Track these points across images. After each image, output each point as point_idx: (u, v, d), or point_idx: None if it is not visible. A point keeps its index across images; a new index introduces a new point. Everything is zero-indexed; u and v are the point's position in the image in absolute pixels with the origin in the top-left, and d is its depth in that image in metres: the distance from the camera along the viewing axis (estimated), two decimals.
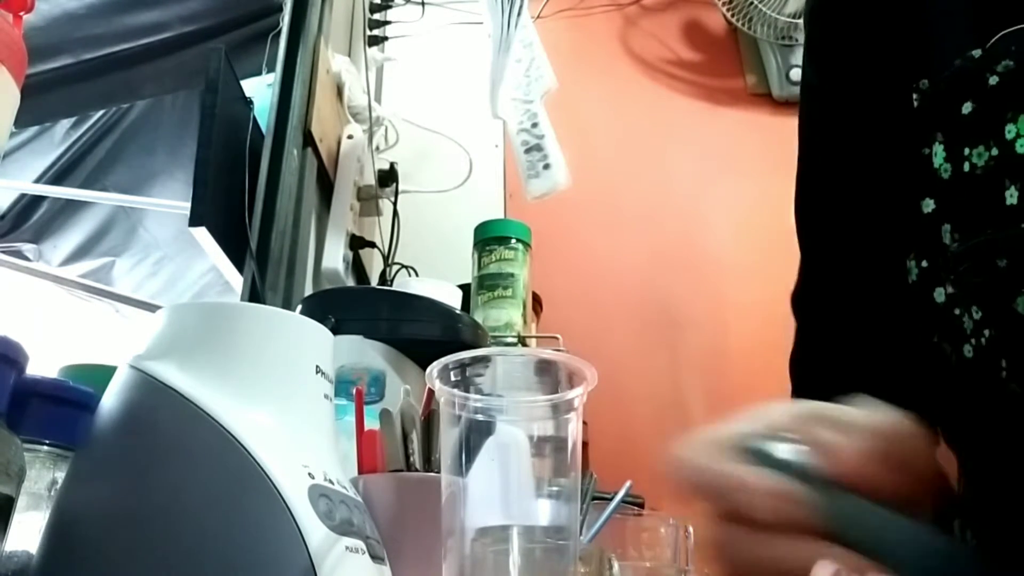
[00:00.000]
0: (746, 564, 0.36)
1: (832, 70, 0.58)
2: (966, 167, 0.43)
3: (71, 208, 2.18)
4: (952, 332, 0.46)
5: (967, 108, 0.44)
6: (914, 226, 0.48)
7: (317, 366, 0.55)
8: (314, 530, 0.46)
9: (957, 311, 0.46)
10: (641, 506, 1.06)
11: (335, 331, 0.61)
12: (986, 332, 0.43)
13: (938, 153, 0.45)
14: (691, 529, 0.96)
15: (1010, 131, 0.41)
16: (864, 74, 0.55)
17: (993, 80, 0.43)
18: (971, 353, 0.45)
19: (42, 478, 0.55)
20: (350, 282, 1.51)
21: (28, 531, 0.51)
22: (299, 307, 1.02)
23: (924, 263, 0.48)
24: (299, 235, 1.32)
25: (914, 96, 0.48)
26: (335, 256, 1.42)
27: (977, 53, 0.44)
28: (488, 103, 1.52)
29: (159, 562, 0.44)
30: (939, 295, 0.47)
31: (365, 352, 0.91)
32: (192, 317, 0.54)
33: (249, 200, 1.23)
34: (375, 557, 0.51)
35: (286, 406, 0.52)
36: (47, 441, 0.55)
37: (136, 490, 0.47)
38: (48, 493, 0.54)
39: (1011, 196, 0.41)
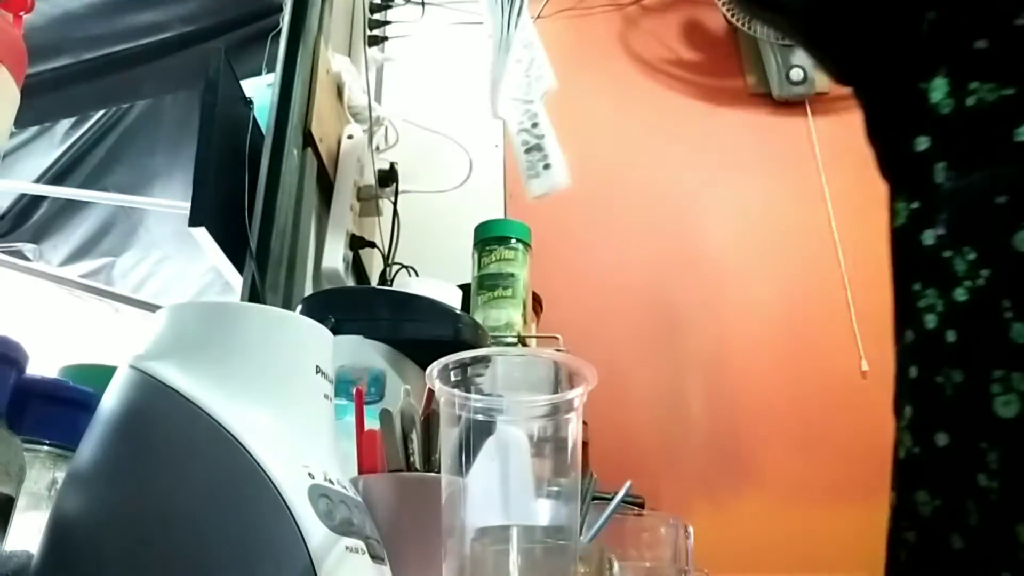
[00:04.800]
0: None
1: None
2: (970, 102, 0.43)
3: (71, 208, 2.18)
4: (940, 277, 0.45)
5: (981, 44, 0.43)
6: (904, 166, 0.47)
7: (317, 366, 0.55)
8: (314, 530, 0.46)
9: (947, 253, 0.45)
10: (641, 506, 1.06)
11: (335, 331, 0.61)
12: (983, 273, 0.43)
13: (939, 87, 0.45)
14: (691, 529, 0.96)
15: None
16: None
17: (1021, 21, 0.42)
18: (965, 296, 0.44)
19: (42, 478, 0.55)
20: (350, 282, 1.51)
21: (28, 531, 0.51)
22: (299, 307, 1.02)
23: (914, 204, 0.47)
24: (299, 235, 1.32)
25: (923, 26, 0.46)
26: (335, 256, 1.42)
27: None
28: (488, 103, 1.52)
29: (159, 562, 0.44)
30: (927, 238, 0.46)
31: (365, 352, 0.91)
32: (192, 317, 0.54)
33: (249, 200, 1.23)
34: (375, 557, 0.51)
35: (286, 406, 0.52)
36: (47, 441, 0.55)
37: (136, 490, 0.47)
38: (48, 493, 0.54)
39: (1022, 134, 0.40)
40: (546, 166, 1.50)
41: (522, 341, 1.37)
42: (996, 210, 0.41)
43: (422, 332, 0.97)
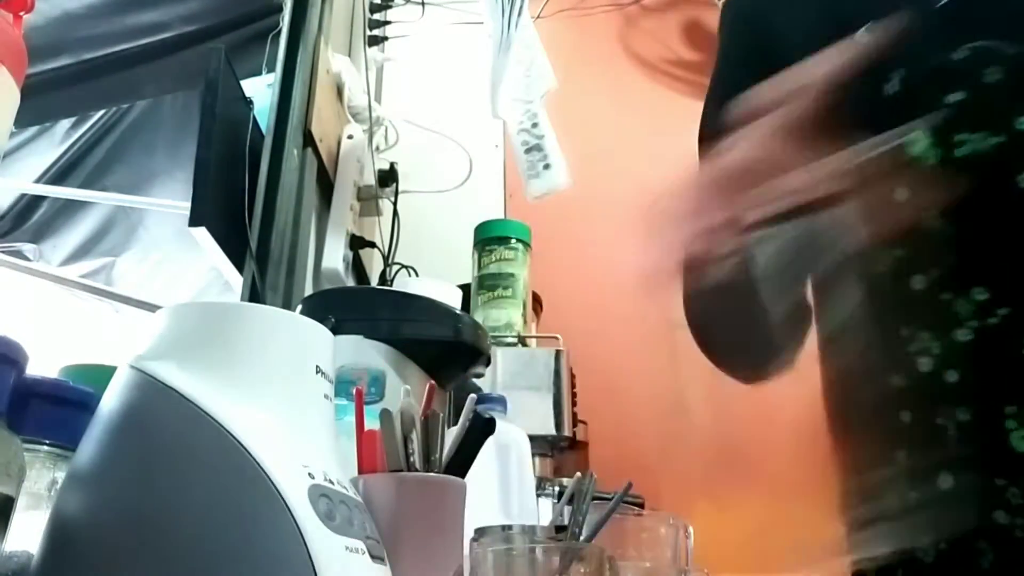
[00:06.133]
0: None
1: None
2: (958, 152, 0.46)
3: (71, 208, 2.18)
4: (936, 319, 0.47)
5: (956, 97, 0.46)
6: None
7: (317, 366, 0.55)
8: (314, 530, 0.46)
9: (946, 296, 0.46)
10: (641, 506, 1.06)
11: (335, 331, 0.61)
12: (999, 312, 0.45)
13: (920, 140, 0.47)
14: (691, 529, 0.96)
15: (1021, 123, 0.45)
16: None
17: (991, 78, 0.45)
18: (969, 336, 0.46)
19: (42, 478, 0.55)
20: (350, 282, 1.51)
21: (28, 531, 0.51)
22: (299, 307, 1.01)
23: (897, 252, 0.49)
24: (299, 235, 1.32)
25: (885, 87, 0.49)
26: (335, 256, 1.42)
27: (961, 55, 0.46)
28: (488, 103, 1.52)
29: (159, 562, 0.44)
30: (917, 282, 0.48)
31: (365, 352, 0.91)
32: (192, 317, 0.54)
33: (249, 200, 1.23)
34: (375, 557, 0.51)
35: (286, 406, 0.52)
36: (47, 441, 0.55)
37: (136, 490, 0.47)
38: (48, 493, 0.54)
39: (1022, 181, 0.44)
40: (546, 166, 1.50)
41: (522, 341, 1.37)
42: (1016, 249, 0.45)
43: (422, 332, 0.97)
